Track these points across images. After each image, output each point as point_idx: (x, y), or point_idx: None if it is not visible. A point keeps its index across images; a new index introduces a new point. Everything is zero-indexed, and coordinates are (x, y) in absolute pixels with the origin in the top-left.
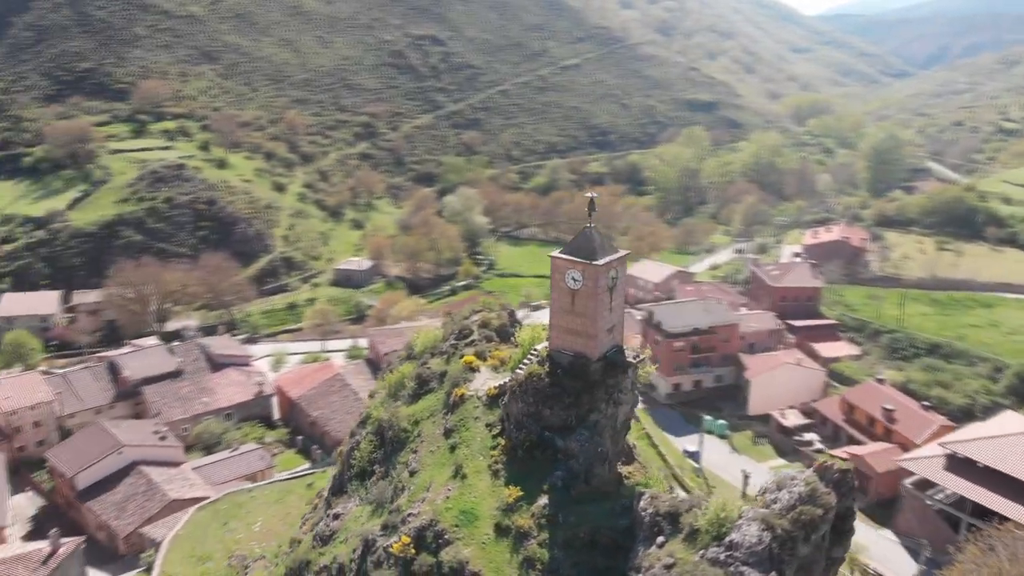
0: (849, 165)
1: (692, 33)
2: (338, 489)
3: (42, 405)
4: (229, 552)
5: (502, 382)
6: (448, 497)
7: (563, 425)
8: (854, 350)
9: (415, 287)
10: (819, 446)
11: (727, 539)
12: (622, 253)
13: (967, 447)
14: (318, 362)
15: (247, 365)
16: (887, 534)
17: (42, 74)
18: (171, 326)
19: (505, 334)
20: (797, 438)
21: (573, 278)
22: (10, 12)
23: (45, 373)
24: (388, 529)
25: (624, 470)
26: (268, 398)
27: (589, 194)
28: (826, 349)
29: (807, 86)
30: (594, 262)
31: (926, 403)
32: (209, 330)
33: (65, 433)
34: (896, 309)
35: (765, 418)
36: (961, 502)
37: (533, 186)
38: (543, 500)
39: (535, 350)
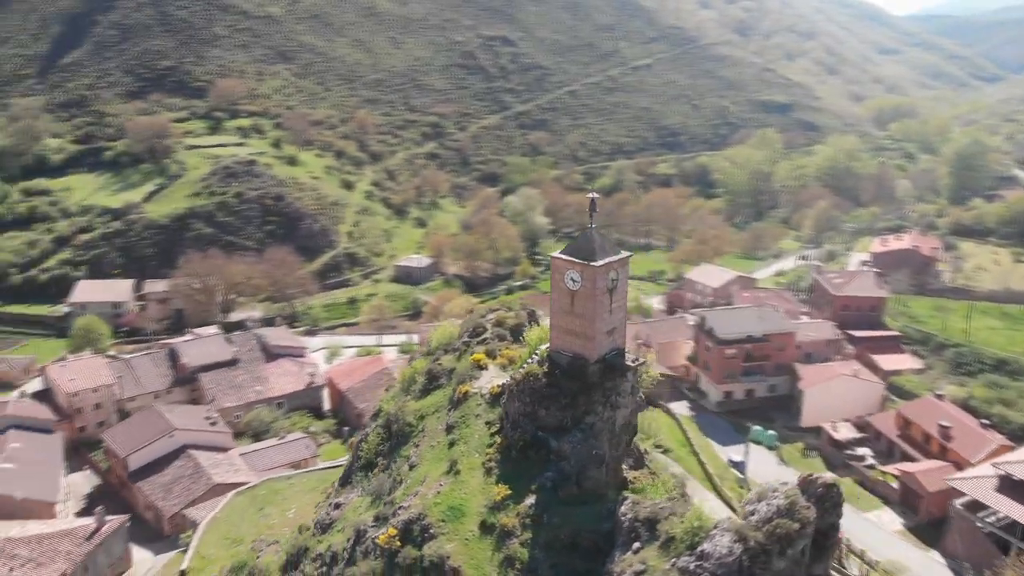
0: (931, 171)
1: (771, 33)
2: (346, 480)
3: (103, 388)
4: (259, 536)
5: (505, 381)
6: (439, 492)
7: (558, 426)
8: (916, 363)
9: (472, 286)
10: (871, 461)
11: (699, 548)
12: (623, 255)
13: (1022, 468)
14: (371, 356)
15: (301, 356)
16: (935, 556)
17: (125, 71)
18: (235, 316)
19: (519, 333)
20: (849, 452)
21: (572, 279)
22: (96, 11)
23: (112, 358)
24: (380, 520)
25: (630, 475)
26: (319, 389)
27: (590, 195)
28: (887, 361)
29: (893, 88)
30: (592, 263)
31: (985, 421)
32: (271, 321)
33: (124, 415)
34: (964, 322)
35: (818, 430)
36: (1013, 526)
37: (598, 187)
38: (530, 500)
39: (538, 350)
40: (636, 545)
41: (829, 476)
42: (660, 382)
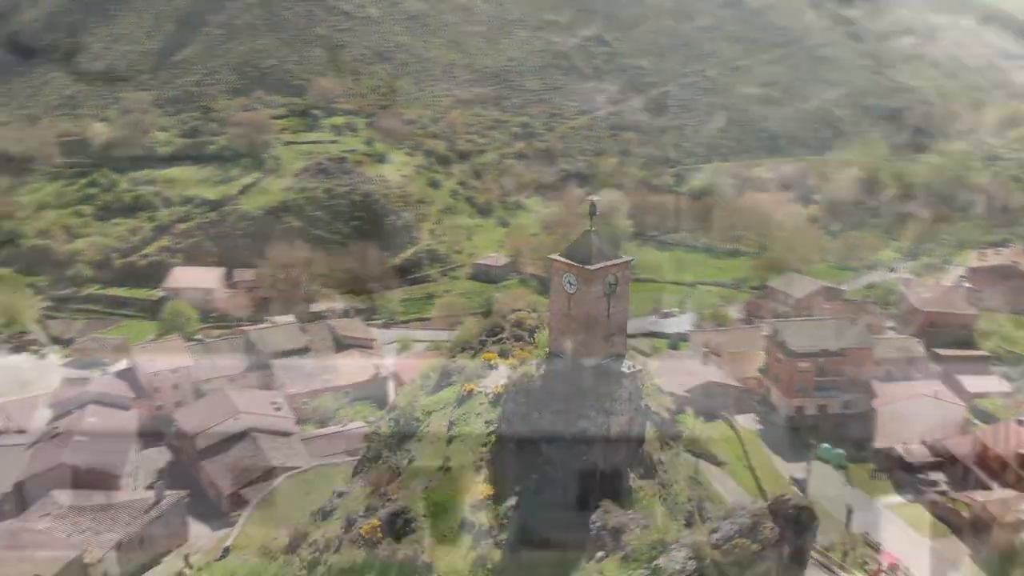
0: None
1: (886, 36)
2: (357, 470)
3: (181, 370)
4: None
5: (507, 381)
6: (427, 487)
7: (550, 429)
8: (1005, 386)
9: (548, 286)
10: (944, 487)
11: (655, 563)
12: (623, 259)
13: None
14: (438, 350)
15: (369, 348)
16: None
17: (231, 69)
18: (317, 307)
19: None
20: (921, 476)
21: (569, 282)
22: (208, 11)
23: (197, 342)
24: (369, 511)
25: (636, 484)
26: (384, 380)
27: (591, 198)
28: (973, 383)
29: (1017, 95)
30: (587, 266)
31: None
32: (348, 313)
33: (200, 396)
34: None
35: (890, 452)
36: None
37: (688, 190)
38: (511, 501)
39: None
40: (600, 554)
41: (801, 498)
42: (727, 394)
